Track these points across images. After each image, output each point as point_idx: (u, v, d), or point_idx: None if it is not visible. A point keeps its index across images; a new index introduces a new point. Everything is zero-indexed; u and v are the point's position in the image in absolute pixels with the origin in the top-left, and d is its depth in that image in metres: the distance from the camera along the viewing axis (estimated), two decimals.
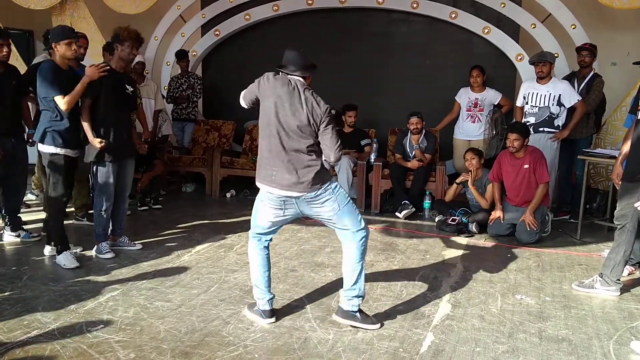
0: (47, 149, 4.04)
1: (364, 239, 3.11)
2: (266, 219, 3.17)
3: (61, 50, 4.01)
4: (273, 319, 3.20)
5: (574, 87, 5.67)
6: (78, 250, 4.35)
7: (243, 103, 3.22)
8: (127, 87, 4.34)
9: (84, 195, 5.37)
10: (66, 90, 3.97)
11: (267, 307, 3.21)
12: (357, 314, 3.14)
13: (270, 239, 3.30)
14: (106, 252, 4.27)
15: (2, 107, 4.40)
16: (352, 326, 3.12)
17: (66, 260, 4.03)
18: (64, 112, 4.01)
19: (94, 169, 4.26)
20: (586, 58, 5.69)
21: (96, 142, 4.10)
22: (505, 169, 5.13)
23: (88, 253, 4.35)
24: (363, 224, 3.12)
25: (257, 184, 3.12)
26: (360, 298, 3.15)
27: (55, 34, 4.03)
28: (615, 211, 3.79)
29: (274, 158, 3.01)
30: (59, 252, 4.08)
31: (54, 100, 3.96)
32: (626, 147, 3.78)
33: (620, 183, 3.79)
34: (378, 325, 3.14)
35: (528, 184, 5.02)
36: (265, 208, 3.14)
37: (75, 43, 4.10)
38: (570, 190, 5.99)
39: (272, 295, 3.26)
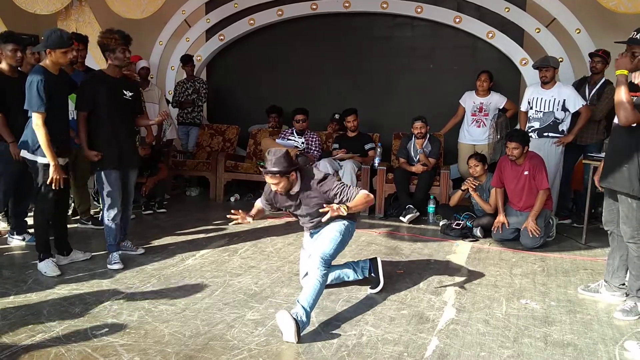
0: (41, 159, 3.90)
1: None
2: None
3: (55, 57, 3.86)
4: None
5: (585, 93, 5.66)
6: (88, 257, 4.33)
7: None
8: (125, 92, 4.26)
9: (87, 200, 5.40)
10: (52, 98, 3.84)
11: None
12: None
13: None
14: (114, 263, 4.18)
15: (18, 113, 4.24)
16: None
17: (47, 267, 3.97)
18: (59, 118, 3.95)
19: (98, 178, 4.22)
20: (598, 65, 5.66)
21: (92, 155, 4.09)
22: (507, 176, 5.12)
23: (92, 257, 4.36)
24: None
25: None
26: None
27: (53, 42, 3.82)
28: (602, 217, 3.73)
29: None
30: (40, 259, 4.01)
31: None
32: None
33: (602, 186, 3.72)
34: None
35: (529, 190, 5.01)
36: None
37: (72, 50, 3.98)
38: (569, 195, 5.98)
39: None
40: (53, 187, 3.88)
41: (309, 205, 3.50)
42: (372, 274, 3.80)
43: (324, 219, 3.39)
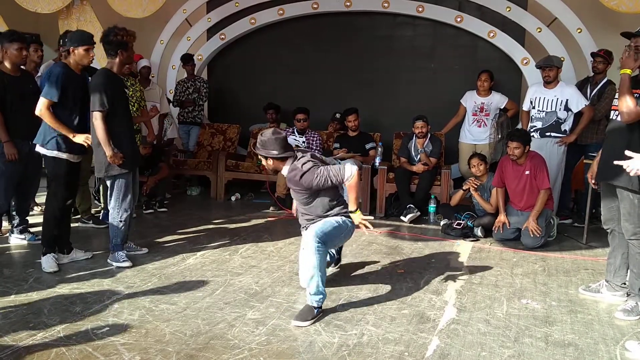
0: (50, 153, 3.97)
1: None
2: None
3: (78, 55, 3.95)
4: None
5: (586, 93, 5.65)
6: (89, 256, 4.32)
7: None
8: (125, 90, 4.28)
9: (88, 199, 5.39)
10: (73, 96, 3.94)
11: None
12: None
13: None
14: (124, 261, 4.15)
15: (20, 111, 4.33)
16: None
17: (46, 262, 4.00)
18: (72, 117, 3.98)
19: (113, 182, 4.14)
20: (599, 65, 5.64)
21: (118, 159, 4.00)
22: (508, 175, 5.11)
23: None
24: None
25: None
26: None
27: (75, 39, 3.95)
28: (602, 215, 3.71)
29: None
30: (43, 254, 4.04)
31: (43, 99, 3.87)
32: None
33: (597, 184, 3.68)
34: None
35: (530, 190, 5.00)
36: None
37: (92, 50, 4.00)
38: (569, 195, 5.97)
39: None
40: (87, 147, 4.01)
41: (294, 193, 3.64)
42: (337, 255, 4.19)
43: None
